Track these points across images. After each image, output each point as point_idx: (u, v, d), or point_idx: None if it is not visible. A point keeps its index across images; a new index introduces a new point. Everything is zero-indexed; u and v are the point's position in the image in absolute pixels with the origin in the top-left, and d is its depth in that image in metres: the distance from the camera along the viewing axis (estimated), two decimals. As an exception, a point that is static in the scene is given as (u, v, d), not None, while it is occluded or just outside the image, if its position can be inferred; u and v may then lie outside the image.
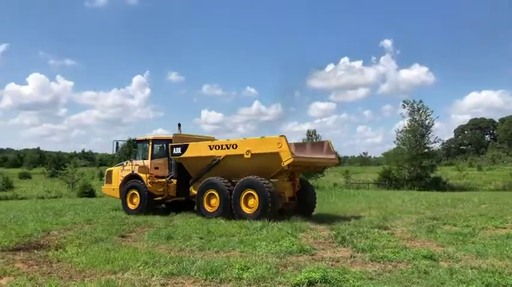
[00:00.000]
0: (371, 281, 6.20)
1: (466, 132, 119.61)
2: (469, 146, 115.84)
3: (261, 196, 12.80)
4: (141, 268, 6.99)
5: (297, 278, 6.17)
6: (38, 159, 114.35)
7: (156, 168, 16.69)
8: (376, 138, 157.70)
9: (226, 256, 8.00)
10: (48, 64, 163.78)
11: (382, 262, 7.42)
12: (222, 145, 14.04)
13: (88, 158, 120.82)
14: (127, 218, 13.61)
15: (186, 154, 14.83)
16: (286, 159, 12.46)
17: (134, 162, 16.92)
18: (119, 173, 17.41)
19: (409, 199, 21.12)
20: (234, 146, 13.72)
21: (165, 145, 16.77)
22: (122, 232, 11.03)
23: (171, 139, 16.30)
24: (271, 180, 13.39)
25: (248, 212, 13.04)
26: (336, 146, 14.37)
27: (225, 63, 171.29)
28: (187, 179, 15.40)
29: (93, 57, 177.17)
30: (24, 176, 75.13)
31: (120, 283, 6.14)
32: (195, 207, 14.84)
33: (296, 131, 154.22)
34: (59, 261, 7.80)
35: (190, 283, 6.32)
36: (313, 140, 39.83)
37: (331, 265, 7.18)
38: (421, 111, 42.95)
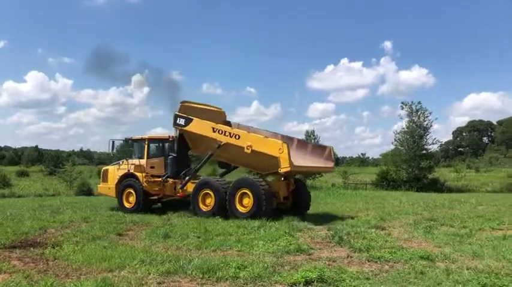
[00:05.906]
0: (367, 281, 6.22)
1: (464, 134, 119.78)
2: (467, 148, 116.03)
3: (255, 195, 12.87)
4: (137, 266, 6.99)
5: (294, 278, 6.18)
6: (36, 157, 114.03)
7: (152, 167, 16.61)
8: (375, 139, 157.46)
9: (223, 255, 8.01)
10: (47, 62, 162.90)
11: (379, 262, 7.44)
12: (225, 131, 14.08)
13: (86, 156, 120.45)
14: (124, 217, 13.57)
15: (189, 128, 14.94)
16: (284, 167, 12.56)
17: (130, 161, 16.86)
18: (114, 172, 17.32)
19: (406, 200, 21.11)
20: (237, 137, 13.77)
21: (161, 144, 16.93)
22: (119, 230, 11.02)
23: (167, 139, 16.55)
24: (266, 179, 13.47)
25: (243, 211, 13.08)
26: (334, 147, 14.29)
27: (224, 62, 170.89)
28: (186, 153, 15.91)
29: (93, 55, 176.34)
30: (22, 174, 74.79)
31: (116, 281, 6.14)
32: (191, 206, 14.69)
33: (295, 131, 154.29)
34: (55, 259, 7.81)
35: (186, 281, 6.32)
36: (314, 141, 38.78)
37: (328, 265, 7.19)
38: (419, 112, 42.86)
